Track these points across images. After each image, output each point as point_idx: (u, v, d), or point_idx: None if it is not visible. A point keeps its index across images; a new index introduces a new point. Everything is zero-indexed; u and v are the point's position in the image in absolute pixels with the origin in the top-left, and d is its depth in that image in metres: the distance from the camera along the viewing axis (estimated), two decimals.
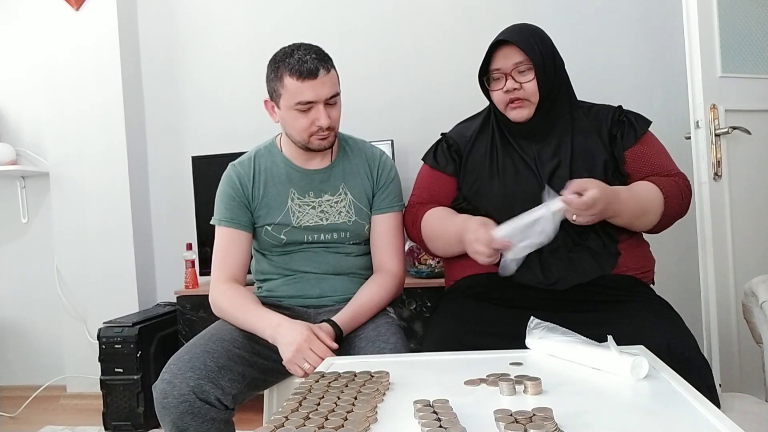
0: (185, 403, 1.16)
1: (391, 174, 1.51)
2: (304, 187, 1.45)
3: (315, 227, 1.44)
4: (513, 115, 1.36)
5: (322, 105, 1.33)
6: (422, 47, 2.70)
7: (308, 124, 1.35)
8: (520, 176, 1.35)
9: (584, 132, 1.37)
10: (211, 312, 1.42)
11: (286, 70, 1.31)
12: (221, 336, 1.31)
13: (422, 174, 1.51)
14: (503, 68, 1.33)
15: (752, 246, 1.95)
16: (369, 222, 1.49)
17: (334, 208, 1.46)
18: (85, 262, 2.83)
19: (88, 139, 2.82)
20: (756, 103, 1.97)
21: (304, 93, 1.31)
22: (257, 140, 1.56)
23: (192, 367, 1.19)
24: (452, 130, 1.53)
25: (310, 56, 1.31)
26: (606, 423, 0.71)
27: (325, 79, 1.32)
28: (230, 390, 1.22)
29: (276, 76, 1.34)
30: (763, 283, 1.47)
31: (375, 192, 1.49)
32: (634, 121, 1.37)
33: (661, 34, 2.50)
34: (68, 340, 2.87)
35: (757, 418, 1.17)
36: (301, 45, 1.35)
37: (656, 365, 0.92)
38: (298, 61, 1.30)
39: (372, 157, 1.52)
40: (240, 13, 2.86)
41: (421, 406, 0.77)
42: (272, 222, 1.43)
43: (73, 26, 2.82)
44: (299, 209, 1.44)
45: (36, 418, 2.63)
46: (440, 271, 2.37)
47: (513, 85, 1.32)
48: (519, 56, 1.31)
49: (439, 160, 1.46)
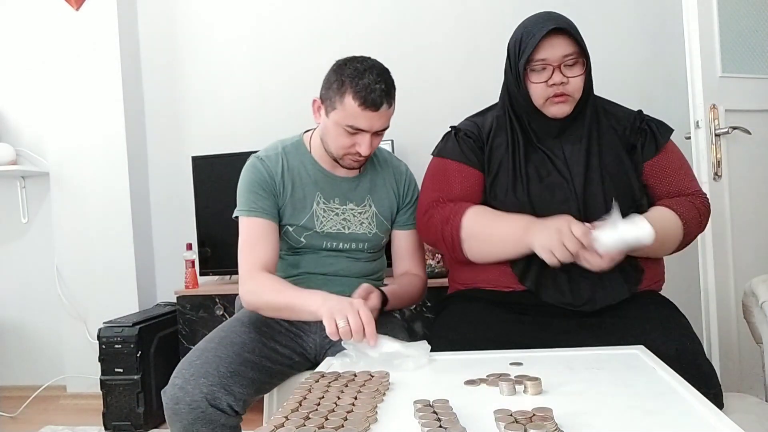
0: (197, 410, 1.14)
1: (416, 193, 1.51)
2: (330, 193, 1.42)
3: (336, 234, 1.42)
4: (554, 111, 1.24)
5: (369, 134, 1.32)
6: (422, 47, 2.70)
7: (349, 145, 1.33)
8: (548, 182, 1.25)
9: (610, 140, 1.28)
10: (210, 312, 1.41)
11: (351, 90, 1.27)
12: (232, 340, 1.29)
13: (440, 168, 1.35)
14: (550, 59, 1.20)
15: (752, 246, 1.95)
16: (387, 235, 1.50)
17: (357, 218, 1.44)
18: (85, 262, 2.83)
19: (88, 139, 2.82)
20: (756, 103, 1.97)
21: (359, 120, 1.29)
22: (257, 140, 1.56)
23: (205, 373, 1.18)
24: (465, 122, 1.40)
25: (380, 86, 1.28)
26: (606, 423, 0.71)
27: (385, 113, 1.31)
28: (241, 396, 1.20)
29: (338, 88, 1.29)
30: (763, 283, 1.46)
31: (400, 208, 1.49)
32: (655, 130, 1.29)
33: (661, 34, 2.50)
34: (68, 340, 2.87)
35: (757, 418, 1.17)
36: (374, 67, 1.31)
37: (656, 365, 0.92)
38: (365, 87, 1.27)
39: (399, 173, 1.52)
40: (240, 13, 2.86)
41: (421, 406, 0.77)
42: (296, 224, 1.40)
43: (73, 26, 2.82)
44: (324, 214, 1.41)
45: (36, 418, 2.63)
46: (440, 271, 2.37)
47: (561, 79, 1.20)
48: (569, 47, 1.20)
49: (465, 152, 1.32)
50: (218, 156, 2.62)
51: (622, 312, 1.19)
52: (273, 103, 2.78)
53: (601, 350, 1.03)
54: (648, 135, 1.29)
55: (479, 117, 1.40)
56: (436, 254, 2.41)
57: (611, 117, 1.33)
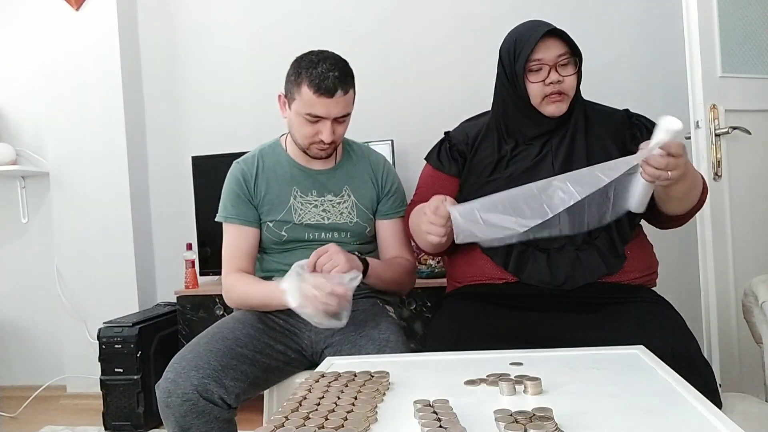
0: (188, 402, 1.16)
1: (395, 181, 1.56)
2: (307, 186, 1.47)
3: (316, 225, 1.46)
4: (551, 110, 1.31)
5: (330, 121, 1.36)
6: (422, 47, 2.70)
7: (312, 133, 1.38)
8: (532, 170, 1.31)
9: (598, 131, 1.35)
10: (210, 312, 1.43)
11: (306, 79, 1.32)
12: (224, 335, 1.31)
13: (424, 174, 1.50)
14: (546, 59, 1.28)
15: (752, 246, 1.95)
16: (370, 224, 1.52)
17: (336, 208, 1.48)
18: (85, 262, 2.83)
19: (88, 139, 2.82)
20: (756, 103, 1.97)
21: (316, 107, 1.33)
22: (257, 140, 1.57)
23: (196, 366, 1.20)
24: (456, 128, 1.50)
25: (333, 73, 1.32)
26: (606, 423, 0.71)
27: (341, 99, 1.34)
28: (233, 389, 1.22)
29: (295, 80, 1.35)
30: (763, 283, 1.47)
31: (380, 198, 1.53)
32: (646, 123, 1.36)
33: (661, 34, 2.50)
34: (68, 340, 2.87)
35: (758, 418, 1.17)
36: (328, 58, 1.35)
37: (656, 365, 0.92)
38: (319, 75, 1.31)
39: (376, 164, 1.55)
40: (240, 13, 2.86)
41: (421, 406, 0.77)
42: (274, 219, 1.45)
43: (73, 26, 2.81)
44: (301, 207, 1.46)
45: (36, 418, 2.62)
46: (440, 271, 2.37)
47: (557, 78, 1.28)
48: (562, 48, 1.29)
49: (442, 161, 1.44)
50: (218, 156, 2.61)
51: (617, 309, 1.20)
52: (273, 103, 2.74)
53: (601, 350, 1.03)
54: (641, 127, 1.35)
55: (471, 122, 1.50)
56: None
57: (599, 114, 1.40)
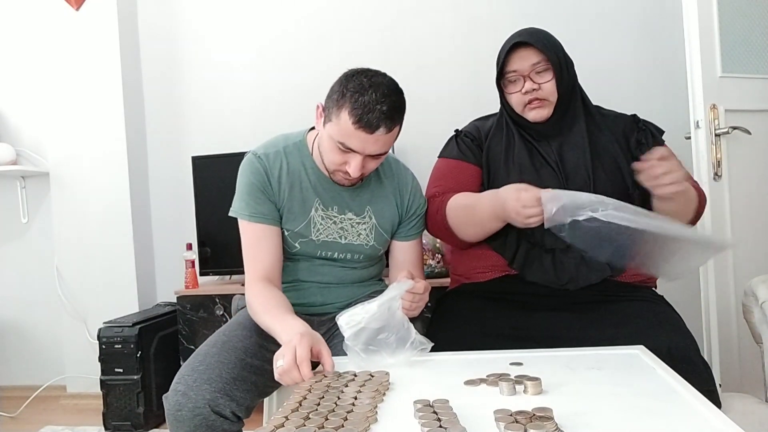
0: (199, 417, 1.12)
1: (420, 204, 1.43)
2: (329, 201, 1.36)
3: (331, 243, 1.37)
4: (532, 116, 1.33)
5: (362, 156, 1.21)
6: (422, 47, 2.70)
7: (340, 162, 1.24)
8: (540, 173, 1.33)
9: (602, 134, 1.37)
10: (210, 312, 1.41)
11: (349, 104, 1.16)
12: (233, 344, 1.27)
13: (441, 167, 1.46)
14: (520, 70, 1.32)
15: (752, 246, 1.95)
16: (385, 245, 1.44)
17: (354, 228, 1.38)
18: (85, 262, 2.83)
19: (88, 139, 2.82)
20: (756, 103, 1.97)
21: (351, 140, 1.18)
22: (257, 140, 1.53)
23: (207, 379, 1.15)
24: (467, 125, 1.51)
25: (380, 107, 1.15)
26: (606, 423, 0.72)
27: (381, 137, 1.18)
28: (244, 401, 1.18)
29: (338, 100, 1.19)
30: (763, 283, 1.47)
31: (402, 220, 1.42)
32: (652, 129, 1.38)
33: (661, 35, 2.50)
34: (68, 340, 2.87)
35: (758, 418, 1.17)
36: (381, 86, 1.18)
37: (656, 365, 0.92)
38: (364, 105, 1.15)
39: (404, 185, 1.43)
40: (240, 13, 2.86)
41: (421, 406, 0.77)
42: (291, 229, 1.34)
43: (73, 26, 2.81)
44: (321, 222, 1.35)
45: (36, 418, 2.62)
46: (440, 271, 2.37)
47: (532, 86, 1.31)
48: (536, 57, 1.30)
49: (463, 151, 1.43)
50: (218, 156, 2.62)
51: (617, 309, 1.20)
52: (273, 103, 2.78)
53: (601, 350, 1.04)
54: (647, 132, 1.37)
55: (481, 120, 1.51)
56: (436, 254, 2.41)
57: (606, 118, 1.42)
